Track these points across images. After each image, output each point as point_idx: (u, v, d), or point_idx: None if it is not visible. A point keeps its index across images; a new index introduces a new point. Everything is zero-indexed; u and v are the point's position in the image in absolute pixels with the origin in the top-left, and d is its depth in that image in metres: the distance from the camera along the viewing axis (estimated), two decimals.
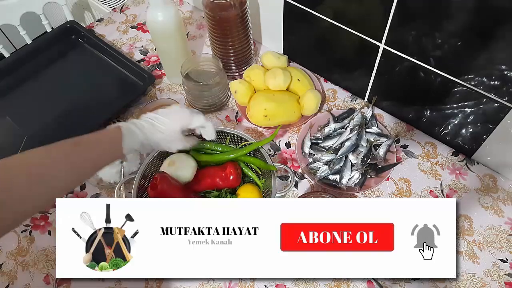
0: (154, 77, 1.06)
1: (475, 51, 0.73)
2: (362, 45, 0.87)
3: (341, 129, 0.92)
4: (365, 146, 0.88)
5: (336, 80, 1.04)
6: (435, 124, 0.90)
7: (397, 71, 0.87)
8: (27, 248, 0.85)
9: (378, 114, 0.98)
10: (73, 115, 1.03)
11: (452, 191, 0.86)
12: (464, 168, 0.89)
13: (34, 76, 1.11)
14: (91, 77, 1.11)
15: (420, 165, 0.90)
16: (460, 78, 0.78)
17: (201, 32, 1.19)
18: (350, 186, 0.86)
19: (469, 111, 0.82)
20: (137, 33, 1.21)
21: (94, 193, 0.91)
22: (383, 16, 0.79)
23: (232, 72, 1.06)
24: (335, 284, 0.77)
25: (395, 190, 0.87)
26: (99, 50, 1.15)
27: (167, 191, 0.76)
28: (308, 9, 0.91)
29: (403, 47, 0.82)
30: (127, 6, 1.29)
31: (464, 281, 0.76)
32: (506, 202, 0.84)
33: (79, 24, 1.19)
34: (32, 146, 0.98)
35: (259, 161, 0.83)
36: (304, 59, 1.06)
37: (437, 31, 0.75)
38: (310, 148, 0.91)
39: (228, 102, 1.04)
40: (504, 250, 0.79)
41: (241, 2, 0.92)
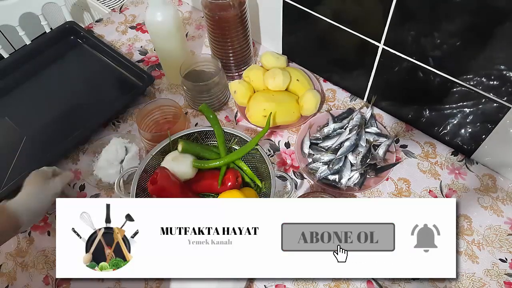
0: (153, 77, 1.06)
1: (474, 51, 0.73)
2: (361, 45, 0.87)
3: (341, 129, 0.92)
4: (364, 146, 0.88)
5: (336, 80, 1.04)
6: (435, 124, 0.90)
7: (396, 71, 0.87)
8: (27, 249, 0.85)
9: (377, 114, 0.98)
10: (72, 116, 1.02)
11: (452, 191, 0.86)
12: (463, 168, 0.89)
13: (33, 77, 1.11)
14: (90, 78, 1.11)
15: (420, 165, 0.90)
16: (459, 78, 0.78)
17: (200, 33, 1.19)
18: (349, 186, 0.86)
19: (468, 111, 0.82)
20: (136, 33, 1.21)
21: (94, 193, 0.91)
22: (382, 16, 0.79)
23: (231, 72, 1.06)
24: (334, 284, 0.77)
25: (395, 190, 0.87)
26: (98, 50, 1.14)
27: (166, 186, 0.76)
28: (307, 9, 0.91)
29: (402, 47, 0.82)
30: (126, 7, 1.29)
31: (464, 281, 0.76)
32: (505, 201, 0.84)
33: (78, 25, 1.19)
34: (32, 147, 0.98)
35: (250, 170, 0.84)
36: (303, 59, 1.06)
37: (436, 31, 0.75)
38: (309, 148, 0.91)
39: (227, 102, 1.04)
40: (503, 250, 0.79)
41: (240, 2, 0.93)
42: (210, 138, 0.90)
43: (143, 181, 0.81)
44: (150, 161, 0.82)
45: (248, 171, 0.84)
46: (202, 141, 0.89)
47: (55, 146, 0.95)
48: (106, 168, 0.91)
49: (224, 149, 0.84)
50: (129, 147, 0.94)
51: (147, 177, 0.81)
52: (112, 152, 0.92)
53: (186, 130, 0.86)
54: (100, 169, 0.91)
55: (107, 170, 0.91)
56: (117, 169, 0.91)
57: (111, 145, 0.93)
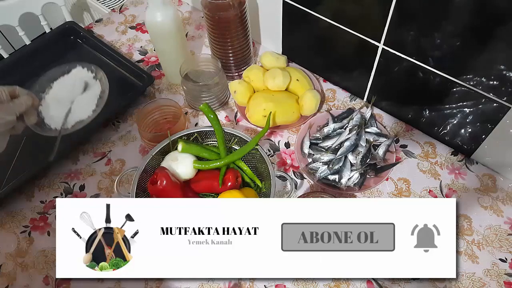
0: (153, 77, 1.06)
1: (474, 51, 0.73)
2: (361, 45, 0.87)
3: (341, 129, 0.92)
4: (364, 146, 0.88)
5: (335, 80, 1.04)
6: (434, 124, 0.90)
7: (396, 71, 0.87)
8: (26, 249, 0.85)
9: (377, 114, 0.98)
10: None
11: (452, 191, 0.86)
12: (463, 168, 0.89)
13: (33, 77, 1.10)
14: None
15: (420, 165, 0.90)
16: (459, 78, 0.78)
17: (200, 33, 1.19)
18: (349, 186, 0.86)
19: (468, 111, 0.82)
20: (136, 33, 1.21)
21: (94, 193, 0.91)
22: (382, 16, 0.79)
23: (231, 72, 1.06)
24: (334, 284, 0.77)
25: (395, 190, 0.87)
26: (98, 50, 1.14)
27: (166, 186, 0.76)
28: (307, 9, 0.91)
29: (402, 47, 0.82)
30: (126, 7, 1.29)
31: (464, 280, 0.76)
32: (505, 201, 0.84)
33: (78, 25, 1.18)
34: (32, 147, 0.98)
35: (250, 170, 0.84)
36: (303, 59, 1.06)
37: (436, 31, 0.75)
38: (309, 148, 0.91)
39: (227, 102, 1.04)
40: (503, 250, 0.79)
41: (240, 3, 0.93)
42: (210, 138, 0.90)
43: (143, 181, 0.81)
44: (150, 161, 0.82)
45: (248, 171, 0.84)
46: (202, 141, 0.89)
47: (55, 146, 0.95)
48: (54, 107, 0.73)
49: (224, 149, 0.84)
50: (91, 84, 0.75)
51: (147, 177, 0.81)
52: (67, 86, 0.73)
53: (186, 130, 0.86)
54: (46, 107, 0.73)
55: (52, 110, 0.72)
56: (65, 110, 0.72)
57: (70, 76, 0.75)
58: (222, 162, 0.82)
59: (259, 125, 0.96)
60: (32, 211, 0.89)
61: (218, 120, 0.83)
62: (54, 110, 0.71)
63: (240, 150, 0.83)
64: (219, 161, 0.82)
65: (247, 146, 0.82)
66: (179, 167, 0.81)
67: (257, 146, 0.82)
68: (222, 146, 0.83)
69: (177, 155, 0.83)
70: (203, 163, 0.83)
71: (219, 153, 0.85)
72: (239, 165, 0.85)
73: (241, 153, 0.83)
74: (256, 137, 0.82)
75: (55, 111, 0.71)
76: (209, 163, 0.83)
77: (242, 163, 0.85)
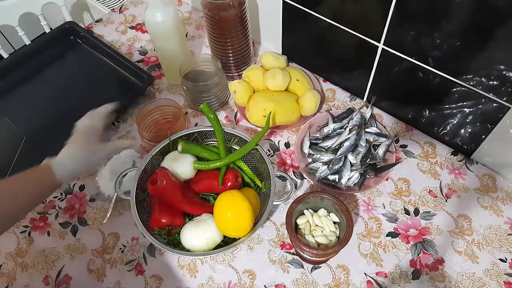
0: (153, 77, 1.06)
1: (474, 51, 0.73)
2: (361, 45, 0.87)
3: (340, 129, 0.92)
4: (364, 146, 0.88)
5: (335, 80, 1.04)
6: (434, 124, 0.90)
7: (396, 71, 0.87)
8: (26, 249, 0.85)
9: (377, 114, 0.98)
10: (71, 116, 1.02)
11: (451, 191, 0.86)
12: (463, 168, 0.89)
13: (32, 77, 1.11)
14: (90, 78, 1.11)
15: (419, 165, 0.90)
16: (459, 78, 0.78)
17: (200, 33, 1.19)
18: (349, 186, 0.86)
19: (468, 111, 0.82)
20: (136, 33, 1.21)
21: (94, 193, 0.91)
22: (382, 16, 0.79)
23: (231, 72, 1.06)
24: (334, 284, 0.77)
25: (394, 190, 0.87)
26: (98, 50, 1.15)
27: (166, 187, 0.76)
28: (307, 9, 0.91)
29: (402, 47, 0.82)
30: (126, 7, 1.29)
31: (464, 280, 0.76)
32: (505, 201, 0.84)
33: (78, 25, 1.19)
34: (31, 147, 0.98)
35: (250, 170, 0.84)
36: (303, 59, 1.06)
37: (435, 31, 0.75)
38: (309, 148, 0.91)
39: (227, 102, 1.04)
40: (503, 250, 0.79)
41: (240, 3, 0.93)
42: (210, 138, 0.90)
43: (143, 181, 0.81)
44: (150, 161, 0.82)
45: (248, 171, 0.84)
46: (202, 141, 0.89)
47: (55, 146, 0.95)
48: (108, 179, 0.87)
49: (224, 149, 0.84)
50: (137, 162, 0.90)
51: (147, 177, 0.81)
52: (119, 163, 0.88)
53: (186, 130, 0.86)
54: (102, 178, 0.88)
55: (108, 182, 0.87)
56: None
57: (121, 155, 0.89)
58: (222, 162, 0.82)
59: (259, 125, 0.96)
60: (32, 211, 0.89)
61: (218, 120, 0.83)
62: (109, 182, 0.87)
63: (240, 150, 0.83)
64: (219, 161, 0.82)
65: (247, 146, 0.82)
66: (179, 167, 0.81)
67: (257, 146, 0.82)
68: (222, 146, 0.83)
69: (177, 155, 0.83)
70: (203, 163, 0.83)
71: (219, 153, 0.85)
72: (239, 165, 0.85)
73: (241, 153, 0.83)
74: (256, 137, 0.82)
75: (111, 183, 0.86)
76: (209, 163, 0.83)
77: (242, 163, 0.85)
